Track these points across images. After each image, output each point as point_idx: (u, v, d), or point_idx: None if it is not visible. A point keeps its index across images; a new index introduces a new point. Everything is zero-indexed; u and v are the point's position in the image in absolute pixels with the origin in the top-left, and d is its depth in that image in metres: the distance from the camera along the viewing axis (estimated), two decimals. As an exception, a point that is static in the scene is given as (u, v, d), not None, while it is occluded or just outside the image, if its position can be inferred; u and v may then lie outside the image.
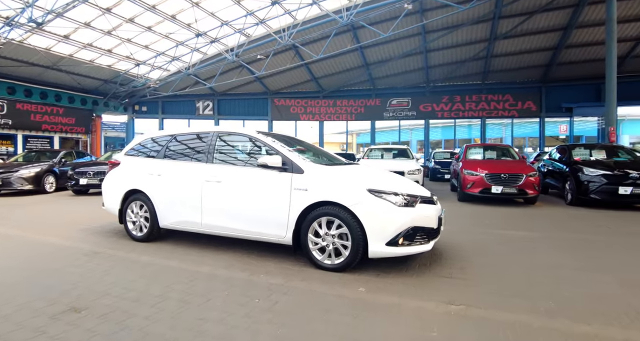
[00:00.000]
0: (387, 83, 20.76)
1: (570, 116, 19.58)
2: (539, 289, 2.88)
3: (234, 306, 2.47)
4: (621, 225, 5.64)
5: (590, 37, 15.88)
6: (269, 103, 21.55)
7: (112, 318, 2.28)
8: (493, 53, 17.55)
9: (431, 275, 3.19)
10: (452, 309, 2.49)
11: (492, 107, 19.98)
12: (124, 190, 4.44)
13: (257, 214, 3.55)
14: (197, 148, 4.16)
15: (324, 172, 3.44)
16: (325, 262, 3.25)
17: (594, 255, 3.84)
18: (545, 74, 18.64)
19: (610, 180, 7.29)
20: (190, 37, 15.23)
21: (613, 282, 3.04)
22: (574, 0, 13.94)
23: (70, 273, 3.15)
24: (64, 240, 4.36)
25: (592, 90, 18.73)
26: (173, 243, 4.24)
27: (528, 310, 2.49)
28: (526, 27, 15.42)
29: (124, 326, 2.18)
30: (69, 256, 3.69)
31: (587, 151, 9.32)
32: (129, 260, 3.59)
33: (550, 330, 2.20)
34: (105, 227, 5.18)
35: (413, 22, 15.00)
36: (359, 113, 21.25)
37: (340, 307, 2.50)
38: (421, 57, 18.20)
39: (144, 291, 2.74)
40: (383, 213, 3.10)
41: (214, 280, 3.02)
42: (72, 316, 2.31)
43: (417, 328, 2.21)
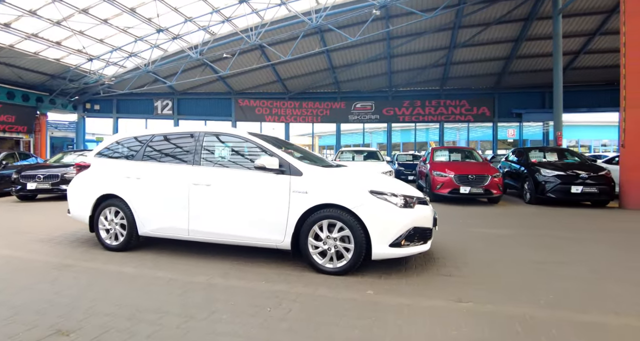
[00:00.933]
0: (352, 87, 21.11)
1: (520, 121, 21.15)
2: (533, 283, 3.02)
3: (245, 317, 2.31)
4: (582, 221, 6.14)
5: (538, 49, 17.28)
6: (232, 104, 20.98)
7: (109, 340, 2.04)
8: (452, 61, 18.49)
9: (431, 274, 3.23)
10: (463, 306, 2.54)
11: (449, 112, 21.02)
12: (96, 195, 4.04)
13: (252, 219, 3.39)
14: (181, 149, 3.90)
15: (323, 174, 3.37)
16: (327, 266, 3.18)
17: (570, 250, 4.13)
18: (498, 82, 19.99)
19: (564, 180, 7.95)
20: (151, 32, 14.40)
21: (592, 274, 3.27)
22: (524, 15, 15.10)
23: (44, 290, 2.78)
24: (23, 253, 3.87)
25: (538, 97, 20.42)
26: (154, 252, 3.92)
27: (531, 303, 2.60)
28: (482, 37, 16.43)
29: (126, 347, 1.96)
30: (36, 270, 3.27)
31: (542, 153, 10.09)
32: (109, 272, 3.26)
33: (558, 321, 2.31)
34: (68, 236, 4.69)
35: (379, 28, 15.38)
36: (324, 115, 21.38)
37: (354, 311, 2.44)
38: (385, 62, 18.71)
39: (137, 306, 2.48)
40: (386, 214, 3.09)
41: (211, 290, 2.82)
42: (60, 340, 2.04)
43: (436, 327, 2.21)
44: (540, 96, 20.40)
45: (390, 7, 13.84)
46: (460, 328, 2.20)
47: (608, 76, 18.84)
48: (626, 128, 7.83)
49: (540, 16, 14.98)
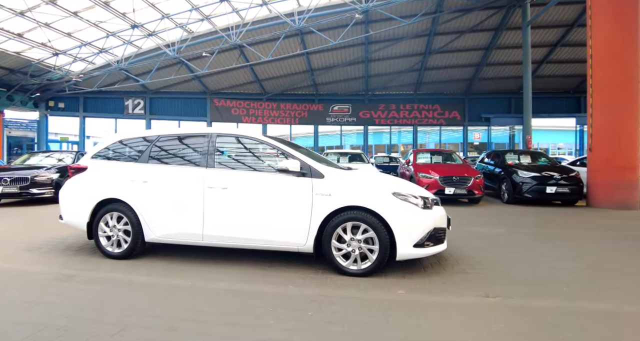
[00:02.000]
0: (329, 89, 21.30)
1: (488, 125, 22.26)
2: (544, 277, 3.22)
3: (292, 322, 2.29)
4: (562, 219, 6.58)
5: (506, 57, 18.31)
6: (208, 104, 20.47)
7: (157, 352, 1.95)
8: (426, 66, 19.17)
9: (449, 272, 3.35)
10: (492, 301, 2.66)
11: (423, 116, 21.74)
12: (96, 200, 3.80)
13: (272, 222, 3.34)
14: (192, 152, 3.77)
15: (345, 176, 3.40)
16: (351, 268, 3.20)
17: (563, 246, 4.42)
18: (469, 87, 20.95)
19: (539, 181, 8.48)
20: (125, 28, 13.76)
21: (590, 267, 3.54)
22: (495, 25, 15.96)
23: (56, 303, 2.58)
24: (12, 264, 3.54)
25: (505, 102, 21.61)
26: (159, 259, 3.75)
27: (551, 295, 2.79)
28: (456, 44, 17.17)
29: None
30: (36, 283, 3.02)
31: (516, 156, 10.70)
32: (120, 281, 3.08)
33: (580, 311, 2.50)
34: (55, 244, 4.37)
35: (358, 32, 15.65)
36: (302, 117, 21.40)
37: (395, 310, 2.49)
38: (362, 66, 19.05)
39: (170, 317, 2.36)
40: (410, 216, 3.17)
41: (240, 296, 2.76)
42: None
43: (480, 323, 2.31)
44: (506, 101, 21.59)
45: (371, 12, 14.12)
46: (502, 322, 2.31)
47: (566, 85, 20.35)
48: (593, 133, 8.49)
49: (509, 27, 15.90)
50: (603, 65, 8.32)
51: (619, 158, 8.07)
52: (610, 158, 8.13)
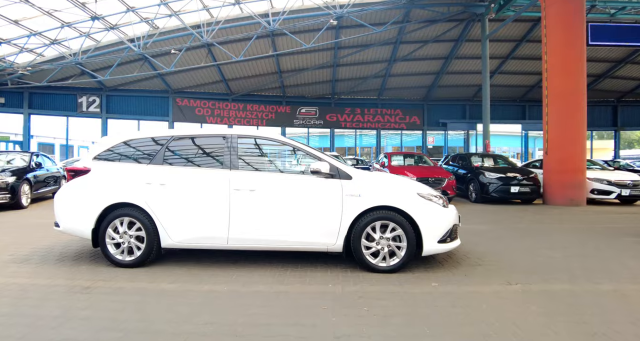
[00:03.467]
0: (297, 92, 21.39)
1: (445, 130, 23.68)
2: (546, 265, 3.63)
3: (354, 318, 2.37)
4: (531, 215, 7.28)
5: (463, 67, 19.65)
6: (170, 103, 19.56)
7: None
8: (390, 73, 19.98)
9: (465, 265, 3.63)
10: (516, 288, 2.96)
11: (385, 120, 22.61)
12: (103, 204, 3.53)
13: (302, 223, 3.39)
14: (212, 153, 3.69)
15: (371, 177, 3.54)
16: (380, 265, 3.35)
17: (547, 239, 4.94)
18: (428, 94, 22.15)
19: (504, 181, 9.30)
20: (83, 18, 12.76)
21: (577, 255, 4.03)
22: (456, 37, 17.11)
23: (92, 317, 2.39)
24: (7, 278, 3.19)
25: (460, 109, 23.14)
26: (171, 265, 3.61)
27: (559, 280, 3.17)
28: (419, 53, 18.11)
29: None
30: (51, 296, 2.77)
31: (480, 159, 11.57)
32: (149, 290, 2.92)
33: (591, 292, 2.89)
34: (44, 254, 4.00)
35: (329, 37, 15.95)
36: (269, 119, 21.23)
37: (440, 302, 2.67)
38: (331, 70, 19.40)
39: (227, 323, 2.31)
40: (434, 214, 3.40)
41: (286, 297, 2.76)
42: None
43: (516, 306, 2.59)
44: (462, 108, 23.13)
45: (343, 18, 14.48)
46: (533, 305, 2.60)
47: (513, 94, 22.30)
48: (549, 139, 9.48)
49: (468, 39, 17.12)
50: (556, 78, 9.32)
51: (571, 161, 9.09)
52: (562, 161, 9.14)
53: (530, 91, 21.83)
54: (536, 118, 22.88)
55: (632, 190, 9.11)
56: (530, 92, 21.91)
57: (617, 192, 9.12)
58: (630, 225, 6.27)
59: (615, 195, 9.16)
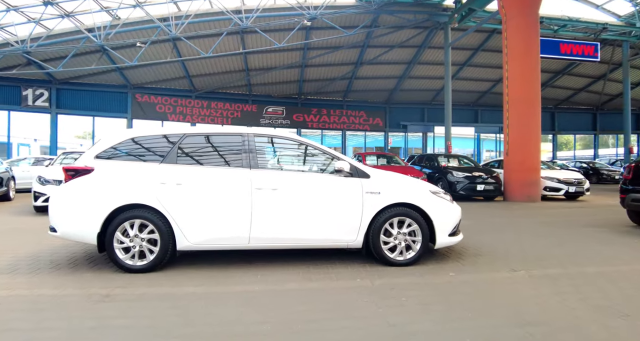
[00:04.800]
0: (263, 90, 21.18)
1: (405, 131, 24.79)
2: (536, 253, 4.04)
3: (398, 308, 2.52)
4: (499, 211, 7.94)
5: (424, 72, 20.72)
6: (129, 99, 18.42)
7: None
8: (356, 75, 20.53)
9: (467, 255, 3.94)
10: (521, 274, 3.31)
11: (350, 121, 23.19)
12: (111, 206, 3.32)
13: (324, 221, 3.46)
14: (229, 152, 3.64)
15: (387, 176, 3.72)
16: (398, 258, 3.54)
17: (525, 231, 5.44)
18: (390, 97, 23.05)
19: (470, 180, 10.04)
20: (34, 3, 11.62)
21: (557, 244, 4.52)
22: (419, 43, 18.00)
23: (131, 326, 2.27)
24: (6, 291, 2.90)
25: (419, 112, 24.35)
26: (184, 268, 3.52)
27: (552, 266, 3.57)
28: (385, 57, 18.80)
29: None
30: (70, 306, 2.57)
31: (446, 159, 12.33)
32: (177, 295, 2.81)
33: (581, 274, 3.30)
34: (32, 262, 3.69)
35: (300, 38, 16.03)
36: (235, 117, 20.81)
37: (463, 288, 2.92)
38: (299, 70, 19.48)
39: (279, 321, 2.32)
40: (445, 210, 3.66)
41: (321, 293, 2.82)
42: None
43: (529, 289, 2.91)
44: (421, 111, 24.36)
45: (315, 20, 14.62)
46: (542, 287, 2.93)
47: (468, 99, 23.89)
48: (509, 141, 10.38)
49: (430, 46, 18.11)
50: (516, 85, 10.23)
51: (528, 162, 10.04)
52: (522, 161, 10.05)
53: (483, 96, 23.57)
54: (487, 122, 24.78)
55: (577, 187, 10.28)
56: (482, 97, 23.65)
57: (566, 189, 10.24)
58: (583, 217, 7.10)
59: (563, 191, 10.28)
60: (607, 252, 4.22)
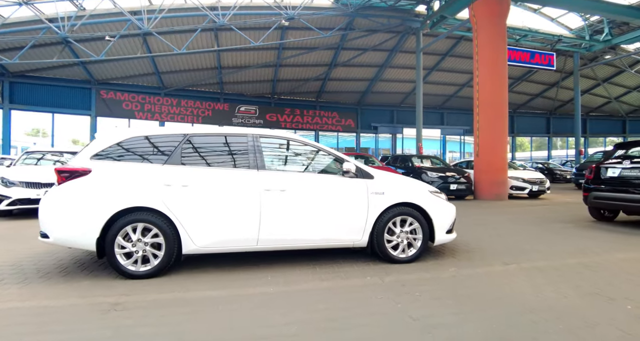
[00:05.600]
0: (236, 89, 20.83)
1: (376, 133, 25.40)
2: (519, 248, 4.36)
3: (414, 302, 2.66)
4: (471, 209, 8.39)
5: (394, 75, 21.34)
6: (93, 95, 17.39)
7: None
8: (330, 77, 20.75)
9: (459, 251, 4.17)
10: (513, 267, 3.57)
11: (323, 122, 23.40)
12: (112, 210, 3.18)
13: (332, 221, 3.53)
14: (234, 153, 3.60)
15: (389, 177, 3.86)
16: (400, 256, 3.69)
17: (502, 228, 5.81)
18: (362, 99, 23.52)
19: (444, 180, 10.52)
20: (-12, -11, 10.68)
21: (534, 239, 4.88)
22: (391, 47, 18.52)
23: (157, 334, 2.22)
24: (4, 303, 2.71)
25: (389, 114, 25.05)
26: (191, 272, 3.46)
27: (538, 259, 3.86)
28: (358, 60, 19.17)
29: None
30: (79, 317, 2.44)
31: (419, 160, 12.81)
32: (190, 299, 2.75)
33: (564, 265, 3.60)
34: (15, 272, 3.48)
35: (275, 37, 15.95)
36: (206, 116, 20.31)
37: (467, 282, 3.11)
38: (273, 70, 19.37)
39: (307, 321, 2.36)
40: (443, 208, 3.87)
41: (338, 292, 2.87)
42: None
43: (522, 280, 3.15)
44: (390, 113, 25.06)
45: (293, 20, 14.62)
46: (536, 277, 3.19)
47: (435, 102, 24.91)
48: (479, 144, 10.99)
49: (401, 50, 18.70)
50: (486, 90, 10.85)
51: (497, 162, 10.70)
52: (491, 162, 10.69)
53: (449, 100, 24.68)
54: (453, 124, 25.98)
55: (539, 186, 11.09)
56: (448, 100, 24.76)
57: (530, 188, 11.02)
58: (549, 214, 7.69)
59: (528, 190, 11.05)
60: (580, 245, 4.63)
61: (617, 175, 5.93)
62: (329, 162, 3.81)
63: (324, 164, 3.81)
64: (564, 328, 2.27)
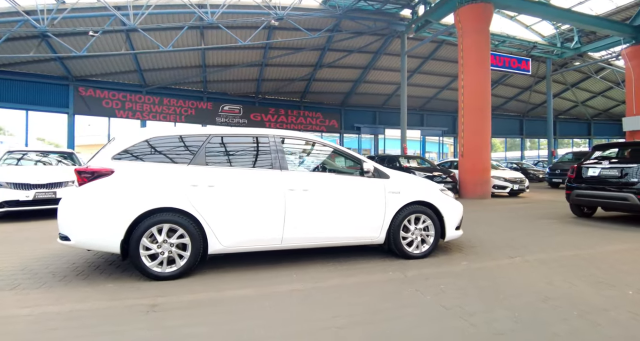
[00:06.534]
0: (220, 88, 20.57)
1: (359, 133, 25.75)
2: (515, 242, 4.67)
3: (441, 295, 2.87)
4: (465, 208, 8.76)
5: (378, 77, 21.73)
6: (71, 92, 16.67)
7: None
8: (315, 77, 20.87)
9: (465, 247, 4.43)
10: (518, 260, 3.85)
11: (308, 122, 23.48)
12: (138, 211, 3.18)
13: (352, 219, 3.67)
14: (257, 153, 3.68)
15: (404, 176, 4.05)
16: (415, 252, 3.89)
17: (494, 225, 6.15)
18: (345, 100, 23.79)
19: (431, 179, 10.80)
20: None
21: (528, 235, 5.21)
22: (376, 49, 18.88)
23: (208, 335, 2.27)
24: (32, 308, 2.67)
25: (371, 115, 25.46)
26: (214, 272, 3.52)
27: (538, 252, 4.18)
28: (343, 61, 19.40)
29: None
30: (127, 318, 2.49)
31: (406, 160, 13.18)
32: (228, 299, 2.80)
33: (563, 257, 3.92)
34: (29, 275, 3.43)
35: (262, 37, 15.90)
36: (189, 115, 19.93)
37: (481, 274, 3.35)
38: (258, 69, 19.27)
39: (348, 314, 2.52)
40: (452, 206, 4.10)
41: (369, 287, 3.02)
42: None
43: (531, 272, 3.42)
44: (373, 114, 25.47)
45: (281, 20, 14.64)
46: (543, 269, 3.47)
47: (415, 104, 25.53)
48: (464, 144, 11.46)
49: (386, 52, 19.09)
50: (471, 95, 11.33)
51: (480, 163, 11.19)
52: (475, 163, 11.18)
53: (429, 102, 25.38)
54: (432, 125, 26.73)
55: (519, 185, 11.70)
56: (428, 102, 25.46)
57: (511, 187, 11.60)
58: (532, 211, 8.15)
59: (509, 189, 11.62)
60: (570, 239, 5.00)
61: (597, 174, 6.42)
62: (347, 162, 3.95)
63: (343, 164, 3.95)
64: (578, 314, 2.52)
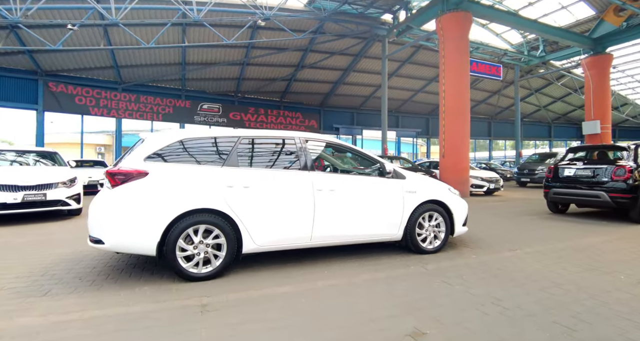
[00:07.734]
0: (198, 86, 20.20)
1: (338, 134, 26.13)
2: (511, 236, 5.10)
3: (465, 285, 3.16)
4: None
5: (357, 79, 22.19)
6: (40, 88, 15.75)
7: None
8: (296, 78, 20.99)
9: (467, 241, 4.80)
10: (519, 252, 4.25)
11: (287, 122, 23.56)
12: (175, 213, 3.20)
13: (374, 218, 3.90)
14: (286, 155, 3.82)
15: (418, 177, 4.34)
16: (428, 248, 4.18)
17: (484, 221, 6.62)
18: (325, 100, 24.09)
19: (416, 180, 11.42)
20: None
21: (518, 230, 5.68)
22: (356, 52, 19.30)
23: (274, 328, 2.42)
24: (78, 312, 2.65)
25: (349, 116, 25.92)
26: (243, 271, 3.64)
27: (534, 245, 4.60)
28: (324, 63, 19.66)
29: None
30: (181, 319, 2.52)
31: (390, 160, 13.66)
32: (272, 296, 2.92)
33: (560, 248, 4.36)
34: (55, 280, 3.38)
35: (245, 36, 15.83)
36: (167, 113, 19.42)
37: (490, 265, 3.69)
38: (239, 68, 19.12)
39: (386, 306, 2.78)
40: (459, 204, 4.44)
41: (400, 281, 3.23)
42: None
43: (533, 261, 3.81)
44: (351, 115, 25.94)
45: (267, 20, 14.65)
46: (542, 259, 3.87)
47: (391, 106, 26.28)
48: (445, 146, 12.07)
49: (366, 55, 19.55)
50: (451, 98, 11.95)
51: (460, 163, 11.84)
52: (456, 162, 11.81)
53: (404, 104, 26.22)
54: (407, 127, 27.61)
55: (495, 185, 12.48)
56: (403, 105, 26.29)
57: (487, 186, 12.35)
58: (511, 208, 8.77)
59: (485, 188, 12.36)
60: (556, 232, 5.52)
61: (572, 174, 7.08)
62: (367, 164, 4.19)
63: (364, 165, 4.18)
64: (588, 295, 2.91)
